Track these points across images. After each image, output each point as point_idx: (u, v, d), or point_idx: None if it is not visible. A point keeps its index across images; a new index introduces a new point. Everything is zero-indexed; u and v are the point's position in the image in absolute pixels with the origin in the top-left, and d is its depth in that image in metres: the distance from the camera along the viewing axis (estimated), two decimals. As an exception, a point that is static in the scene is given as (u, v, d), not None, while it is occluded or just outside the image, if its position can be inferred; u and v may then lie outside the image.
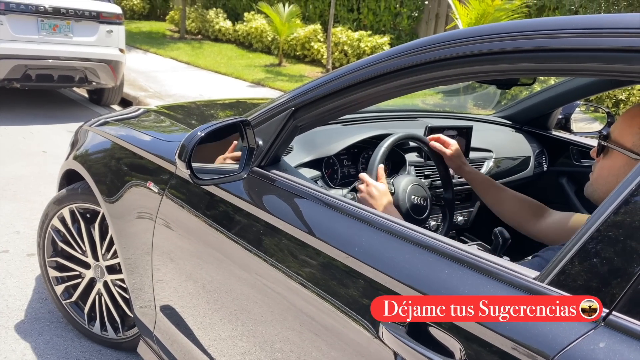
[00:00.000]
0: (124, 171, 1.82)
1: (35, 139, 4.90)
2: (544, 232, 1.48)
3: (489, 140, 2.11)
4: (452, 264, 0.91)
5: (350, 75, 1.20)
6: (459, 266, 0.90)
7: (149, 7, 15.58)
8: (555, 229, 1.46)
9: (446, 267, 0.92)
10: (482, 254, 0.91)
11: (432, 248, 0.95)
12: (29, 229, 3.10)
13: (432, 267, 0.93)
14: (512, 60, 0.95)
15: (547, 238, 1.47)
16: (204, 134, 1.23)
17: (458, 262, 0.91)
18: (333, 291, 1.06)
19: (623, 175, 1.10)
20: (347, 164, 1.77)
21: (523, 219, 1.54)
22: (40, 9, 5.28)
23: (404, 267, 0.96)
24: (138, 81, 7.57)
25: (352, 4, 10.22)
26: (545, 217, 1.51)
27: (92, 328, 2.17)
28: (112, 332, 2.11)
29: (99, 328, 2.15)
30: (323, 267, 1.11)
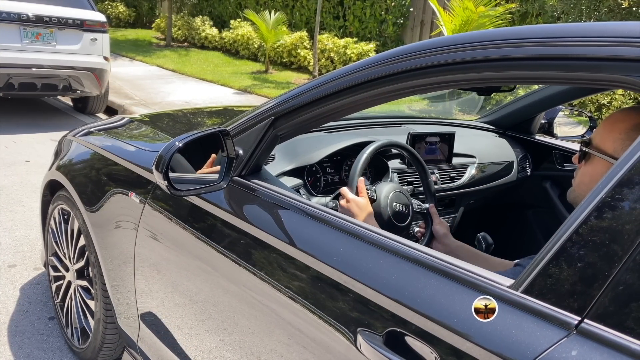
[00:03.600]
0: (105, 181, 1.80)
1: (17, 148, 4.84)
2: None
3: (472, 146, 2.12)
4: (429, 273, 0.91)
5: (330, 84, 1.20)
6: (434, 275, 0.90)
7: (135, 15, 15.50)
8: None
9: (422, 276, 0.91)
10: (458, 262, 0.90)
11: (409, 257, 0.95)
12: (10, 240, 3.06)
13: (409, 276, 0.93)
14: (488, 69, 0.95)
15: None
16: (182, 144, 1.22)
17: (434, 271, 0.90)
18: (315, 301, 1.05)
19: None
20: (331, 172, 1.76)
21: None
22: (23, 17, 5.23)
23: (381, 277, 0.96)
24: (123, 89, 7.52)
25: (338, 12, 10.26)
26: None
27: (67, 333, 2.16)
28: (76, 340, 2.08)
29: (70, 334, 2.13)
30: (306, 278, 1.10)
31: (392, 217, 1.49)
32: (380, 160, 1.79)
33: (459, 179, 2.04)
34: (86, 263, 1.94)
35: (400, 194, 1.55)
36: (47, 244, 2.28)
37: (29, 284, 2.62)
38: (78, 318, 2.04)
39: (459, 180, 2.04)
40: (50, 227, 2.23)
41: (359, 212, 1.41)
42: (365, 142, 1.72)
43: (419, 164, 1.66)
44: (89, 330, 1.97)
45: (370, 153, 1.52)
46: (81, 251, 1.97)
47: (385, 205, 1.49)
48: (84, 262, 1.95)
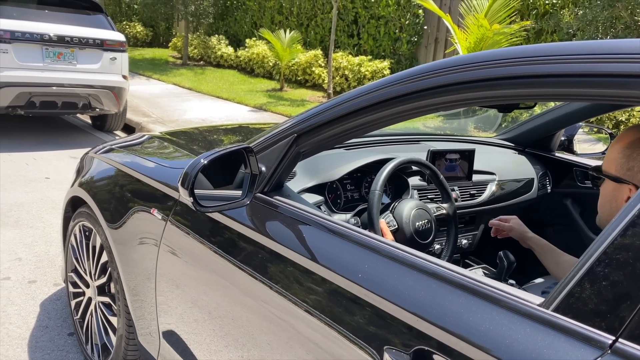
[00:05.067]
0: (127, 198, 1.82)
1: (38, 165, 4.92)
2: None
3: (492, 163, 2.12)
4: (456, 291, 0.90)
5: (352, 101, 1.21)
6: (462, 293, 0.89)
7: (152, 34, 15.77)
8: None
9: (450, 294, 0.91)
10: (486, 280, 0.90)
11: (436, 275, 0.95)
12: (31, 256, 3.09)
13: (436, 295, 0.92)
14: (511, 86, 0.96)
15: None
16: (206, 161, 1.23)
17: (462, 289, 0.90)
18: (337, 318, 1.05)
19: (615, 201, 1.12)
20: (351, 189, 1.76)
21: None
22: (45, 37, 5.36)
23: (408, 295, 0.95)
24: (141, 107, 7.63)
25: (352, 30, 10.35)
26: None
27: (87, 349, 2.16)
28: (96, 356, 2.08)
29: (90, 350, 2.13)
30: (327, 294, 1.10)
31: (415, 234, 1.49)
32: (400, 177, 1.79)
33: (479, 196, 2.03)
34: (108, 279, 1.96)
35: (422, 210, 1.55)
36: (67, 261, 2.30)
37: (48, 300, 2.65)
38: (99, 334, 2.04)
39: (479, 197, 2.03)
40: (70, 244, 2.25)
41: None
42: (385, 159, 1.72)
43: (439, 180, 1.65)
44: (110, 346, 1.98)
45: (392, 169, 1.51)
46: (103, 267, 1.98)
47: (407, 224, 1.49)
48: (106, 278, 1.97)
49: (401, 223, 1.48)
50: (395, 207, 1.53)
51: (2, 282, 2.77)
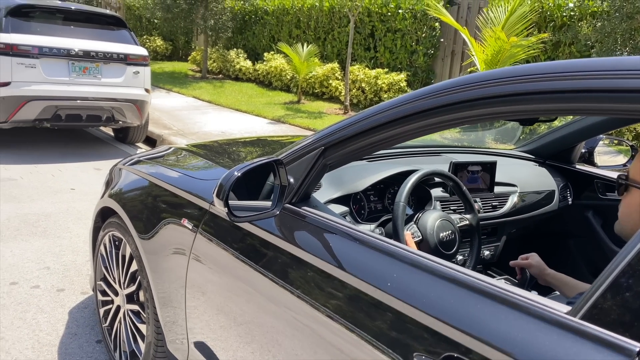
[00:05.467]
0: (158, 208, 1.88)
1: (63, 177, 5.04)
2: None
3: (513, 175, 2.14)
4: (484, 299, 0.93)
5: (378, 115, 1.25)
6: (490, 301, 0.92)
7: (172, 48, 16.04)
8: None
9: (478, 302, 0.94)
10: (512, 288, 0.93)
11: (463, 283, 0.98)
12: (58, 265, 3.17)
13: (464, 302, 0.95)
14: (535, 102, 0.99)
15: None
16: (240, 173, 1.29)
17: (489, 297, 0.93)
18: (364, 324, 1.08)
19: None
20: (374, 200, 1.80)
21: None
22: (72, 52, 5.52)
23: (436, 302, 0.98)
24: (162, 120, 7.76)
25: (368, 43, 10.42)
26: None
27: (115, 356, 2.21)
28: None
29: (119, 357, 2.19)
30: (353, 301, 1.13)
31: (439, 245, 1.52)
32: (423, 189, 1.83)
33: (501, 208, 2.06)
34: (137, 287, 2.01)
35: (446, 221, 1.58)
36: (96, 269, 2.37)
37: (77, 308, 2.72)
38: (128, 342, 2.10)
39: (501, 209, 2.05)
40: (100, 253, 2.32)
41: None
42: (408, 171, 1.76)
43: (461, 191, 1.69)
44: (139, 353, 2.03)
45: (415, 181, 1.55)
46: (132, 276, 2.04)
47: (432, 235, 1.52)
48: (135, 286, 2.02)
49: (425, 234, 1.52)
50: (419, 218, 1.57)
51: (32, 291, 2.85)
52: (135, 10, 15.96)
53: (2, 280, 2.92)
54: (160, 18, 13.31)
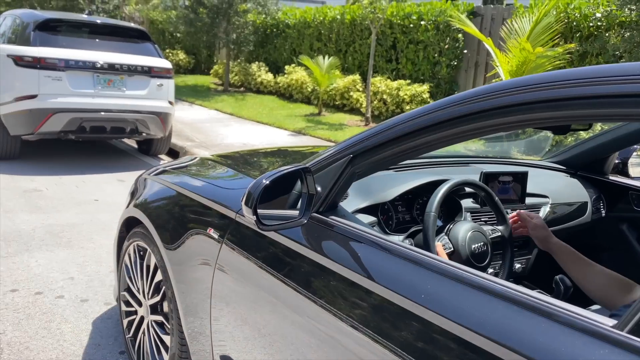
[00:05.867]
0: (184, 218, 1.87)
1: (87, 188, 5.09)
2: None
3: (544, 186, 2.08)
4: (521, 310, 0.89)
5: (408, 123, 1.22)
6: (528, 312, 0.88)
7: (194, 61, 16.25)
8: None
9: (518, 315, 0.89)
10: (551, 299, 0.88)
11: (498, 293, 0.94)
12: (82, 275, 3.18)
13: (499, 313, 0.91)
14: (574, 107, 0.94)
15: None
16: (268, 181, 1.26)
17: (527, 308, 0.89)
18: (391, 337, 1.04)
19: None
20: (402, 210, 1.76)
21: (612, 295, 1.45)
22: (97, 65, 5.61)
23: (474, 315, 0.94)
24: (184, 132, 7.83)
25: (390, 55, 10.41)
26: (634, 294, 1.44)
27: None
28: None
29: None
30: (384, 314, 1.09)
31: (471, 257, 1.47)
32: (453, 199, 1.78)
33: None
34: (161, 298, 1.99)
35: (478, 232, 1.53)
36: (120, 279, 2.36)
37: (100, 318, 2.71)
38: (151, 353, 2.08)
39: None
40: (124, 263, 2.31)
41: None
42: (438, 181, 1.72)
43: (493, 201, 1.64)
44: (161, 365, 2.01)
45: (446, 191, 1.51)
46: (156, 286, 2.02)
47: (463, 247, 1.47)
48: (159, 297, 2.01)
49: (457, 245, 1.47)
50: (450, 230, 1.52)
51: (57, 301, 2.86)
52: (158, 25, 16.21)
53: (27, 290, 2.94)
54: (183, 32, 13.51)
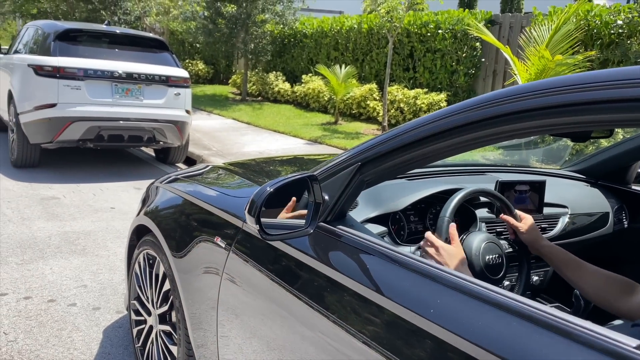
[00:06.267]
0: (192, 226, 1.84)
1: (104, 196, 5.12)
2: (637, 310, 1.35)
3: (563, 195, 2.01)
4: (541, 330, 0.84)
5: (419, 129, 1.18)
6: (545, 331, 0.83)
7: (213, 71, 16.40)
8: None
9: (534, 333, 0.84)
10: (568, 316, 0.83)
11: (513, 310, 0.88)
12: (95, 283, 3.18)
13: (519, 333, 0.86)
14: (593, 112, 0.89)
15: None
16: (273, 189, 1.23)
17: (544, 326, 0.83)
18: (401, 352, 0.99)
19: None
20: (414, 220, 1.71)
21: (611, 296, 1.40)
22: (115, 74, 5.66)
23: (487, 333, 0.89)
24: (202, 141, 7.87)
25: (407, 64, 10.36)
26: (637, 294, 1.37)
27: None
28: None
29: None
30: (392, 328, 1.04)
31: (485, 269, 1.42)
32: (467, 209, 1.72)
33: (551, 230, 1.93)
34: (169, 308, 1.97)
35: (493, 244, 1.47)
36: (130, 288, 2.35)
37: (111, 327, 2.70)
38: None
39: (551, 231, 1.92)
40: (134, 272, 2.29)
41: (451, 261, 1.31)
42: (451, 190, 1.67)
43: (510, 211, 1.58)
44: (169, 375, 1.98)
45: (462, 198, 1.46)
46: (165, 296, 2.00)
47: (477, 258, 1.42)
48: (168, 306, 1.98)
49: (470, 256, 1.41)
50: (463, 240, 1.47)
51: (69, 309, 2.85)
52: (178, 35, 16.42)
53: (40, 298, 2.95)
54: (202, 42, 13.64)
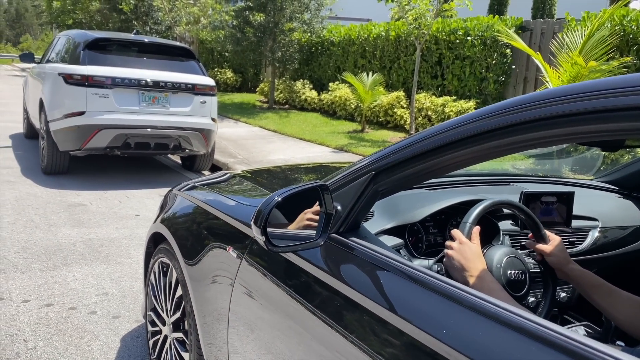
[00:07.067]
0: (205, 235, 1.82)
1: (129, 203, 5.17)
2: None
3: (593, 208, 1.91)
4: (560, 355, 0.76)
5: (437, 136, 1.11)
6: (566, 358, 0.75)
7: (241, 80, 16.57)
8: None
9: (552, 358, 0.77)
10: (592, 342, 0.75)
11: (533, 334, 0.81)
12: (116, 291, 3.19)
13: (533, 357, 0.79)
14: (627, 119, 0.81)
15: None
16: (280, 198, 1.18)
17: (566, 353, 0.76)
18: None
19: None
20: (433, 232, 1.64)
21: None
22: (142, 82, 5.72)
23: (499, 356, 0.82)
24: (228, 148, 7.91)
25: (435, 71, 10.24)
26: None
27: None
28: None
29: None
30: (405, 348, 0.98)
31: (507, 285, 1.33)
32: (490, 221, 1.64)
33: (580, 244, 1.82)
34: (182, 315, 1.94)
35: (515, 259, 1.39)
36: (147, 298, 2.32)
37: (129, 336, 2.69)
38: None
39: (580, 245, 1.82)
40: (150, 282, 2.27)
41: (471, 258, 1.25)
42: (473, 201, 1.59)
43: (536, 225, 1.49)
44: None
45: (487, 207, 1.38)
46: (177, 303, 1.97)
47: (498, 273, 1.34)
48: (180, 313, 1.95)
49: (491, 270, 1.33)
50: (484, 254, 1.39)
51: (89, 317, 2.85)
52: (207, 44, 16.66)
53: (62, 305, 2.96)
54: (231, 51, 13.80)
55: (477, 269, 1.23)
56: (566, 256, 1.44)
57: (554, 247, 1.45)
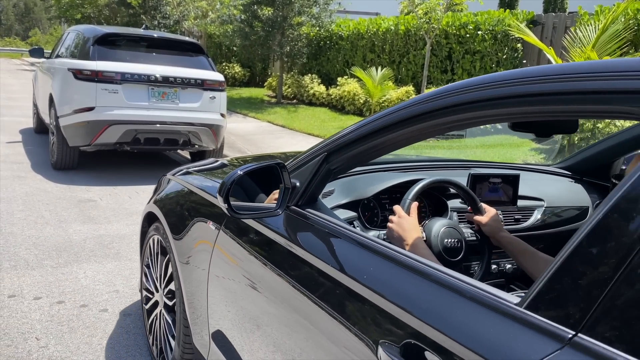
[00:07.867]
0: (190, 212, 2.05)
1: (139, 199, 5.21)
2: None
3: (542, 190, 2.10)
4: (451, 294, 0.96)
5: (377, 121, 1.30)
6: (456, 295, 0.95)
7: (249, 74, 16.63)
8: None
9: (464, 305, 0.94)
10: (471, 280, 0.95)
11: (443, 282, 0.99)
12: (127, 289, 3.22)
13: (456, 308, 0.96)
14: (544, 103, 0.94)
15: None
16: (242, 172, 1.38)
17: (456, 292, 0.96)
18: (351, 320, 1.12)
19: None
20: (389, 208, 1.83)
21: None
22: (152, 78, 5.81)
23: (416, 296, 1.02)
24: (237, 144, 8.04)
25: (445, 65, 10.31)
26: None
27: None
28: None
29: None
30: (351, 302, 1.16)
31: (443, 252, 1.53)
32: (439, 199, 1.83)
33: (525, 222, 2.02)
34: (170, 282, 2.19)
35: (452, 229, 1.58)
36: (142, 272, 2.55)
37: (141, 334, 2.72)
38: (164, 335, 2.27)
39: (525, 222, 2.01)
40: (145, 257, 2.51)
41: (408, 229, 1.44)
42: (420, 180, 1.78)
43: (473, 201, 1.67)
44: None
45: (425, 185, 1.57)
46: (169, 276, 2.22)
47: (435, 242, 1.53)
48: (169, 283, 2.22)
49: (429, 239, 1.53)
50: (425, 224, 1.59)
51: (100, 314, 2.88)
52: (215, 38, 16.60)
53: (73, 303, 2.98)
54: (239, 45, 13.76)
55: (412, 237, 1.43)
56: (499, 225, 1.63)
57: (488, 218, 1.63)
